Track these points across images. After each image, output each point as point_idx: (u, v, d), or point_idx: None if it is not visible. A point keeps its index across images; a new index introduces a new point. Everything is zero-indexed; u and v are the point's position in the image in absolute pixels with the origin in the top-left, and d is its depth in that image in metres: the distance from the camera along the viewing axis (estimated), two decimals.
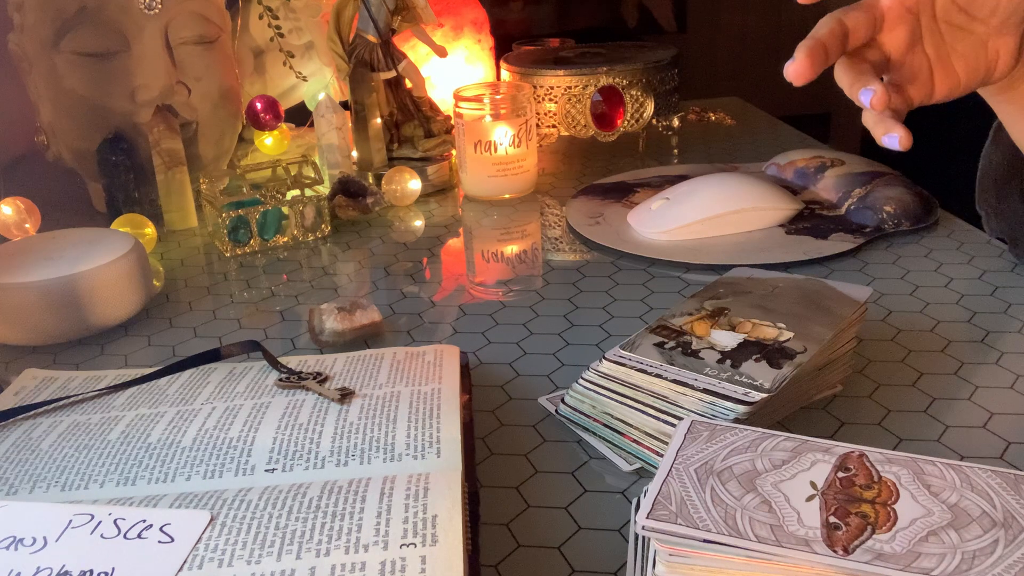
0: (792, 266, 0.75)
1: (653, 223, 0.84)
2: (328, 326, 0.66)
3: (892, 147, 0.48)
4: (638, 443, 0.51)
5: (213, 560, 0.40)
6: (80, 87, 0.91)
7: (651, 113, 1.08)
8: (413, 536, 0.41)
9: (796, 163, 0.95)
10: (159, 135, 0.90)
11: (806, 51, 0.47)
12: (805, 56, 0.47)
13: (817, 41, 0.47)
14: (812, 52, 0.47)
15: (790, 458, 0.41)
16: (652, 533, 0.37)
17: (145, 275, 0.74)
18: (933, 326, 0.66)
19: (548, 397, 0.58)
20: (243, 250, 0.87)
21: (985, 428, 0.53)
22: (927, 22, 0.49)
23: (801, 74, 0.47)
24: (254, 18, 1.09)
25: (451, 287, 0.79)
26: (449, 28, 1.15)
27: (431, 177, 1.01)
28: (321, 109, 0.99)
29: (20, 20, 0.92)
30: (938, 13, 0.49)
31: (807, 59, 0.46)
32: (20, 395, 0.60)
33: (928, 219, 0.84)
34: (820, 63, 0.47)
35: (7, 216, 0.88)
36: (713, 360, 0.52)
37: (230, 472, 0.48)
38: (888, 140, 0.48)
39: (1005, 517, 0.36)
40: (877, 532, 0.36)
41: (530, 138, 0.98)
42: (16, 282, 0.67)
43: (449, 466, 0.47)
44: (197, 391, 0.58)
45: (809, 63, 0.47)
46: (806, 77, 0.47)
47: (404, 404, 0.54)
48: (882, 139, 0.48)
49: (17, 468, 0.50)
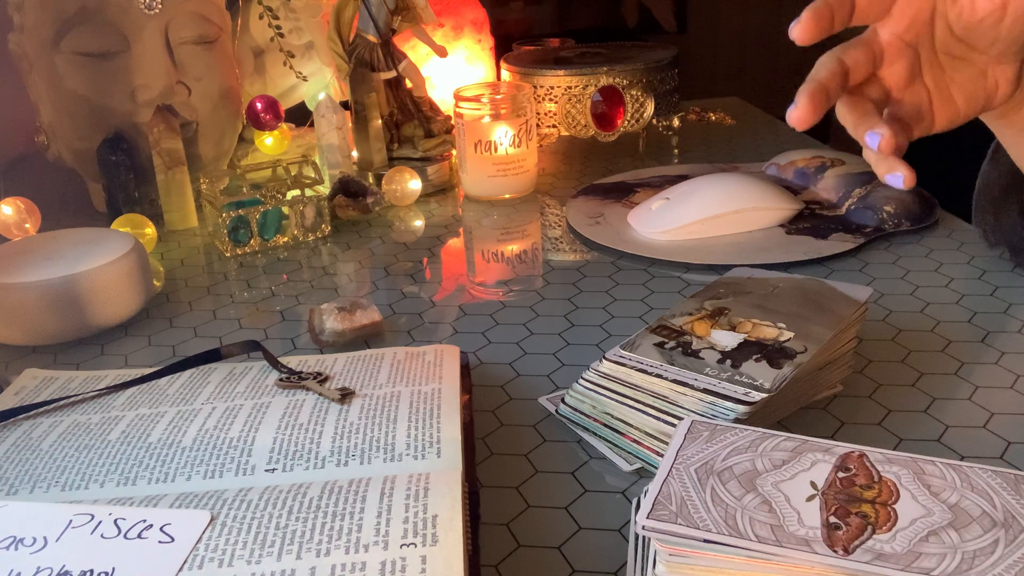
0: (792, 266, 0.75)
1: (653, 223, 0.84)
2: (328, 326, 0.66)
3: (896, 186, 0.47)
4: (638, 443, 0.51)
5: (213, 560, 0.40)
6: (80, 87, 0.91)
7: (651, 113, 1.08)
8: (413, 536, 0.41)
9: (796, 163, 0.95)
10: (159, 135, 0.90)
11: (807, 96, 0.46)
12: (807, 101, 0.46)
13: (819, 84, 0.46)
14: (814, 96, 0.46)
15: (790, 458, 0.41)
16: (652, 533, 0.37)
17: (145, 275, 0.74)
18: (933, 326, 0.66)
19: (548, 397, 0.58)
20: (243, 250, 0.87)
21: (985, 428, 0.53)
22: (926, 55, 0.49)
23: (803, 119, 0.46)
24: (254, 18, 1.09)
25: (451, 287, 0.79)
26: (449, 28, 1.15)
27: (431, 177, 1.01)
28: (321, 109, 0.99)
29: (20, 20, 0.92)
30: (937, 45, 0.49)
31: (809, 104, 0.46)
32: (20, 395, 0.60)
33: (928, 219, 0.84)
34: (822, 106, 0.46)
35: (7, 216, 0.88)
36: (713, 360, 0.52)
37: (230, 472, 0.48)
38: (892, 179, 0.47)
39: (1005, 517, 0.36)
40: (877, 532, 0.36)
41: (530, 138, 0.98)
42: (16, 282, 0.67)
43: (449, 466, 0.47)
44: (197, 391, 0.58)
45: (811, 108, 0.46)
46: (808, 123, 0.46)
47: (404, 404, 0.54)
48: (885, 178, 0.47)
49: (17, 468, 0.50)
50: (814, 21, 0.46)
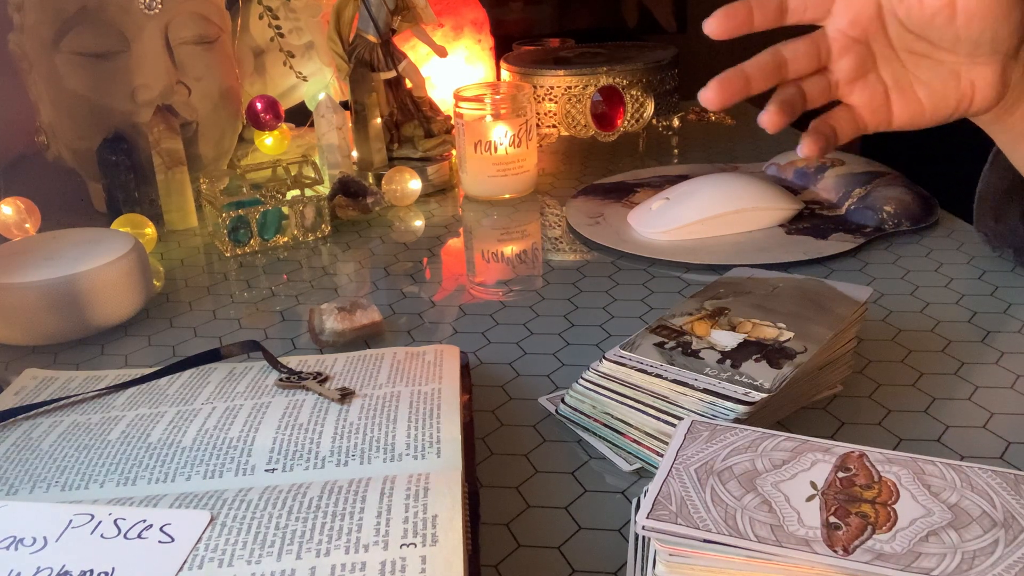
0: (792, 266, 0.75)
1: (653, 223, 0.84)
2: (328, 326, 0.66)
3: (798, 153, 0.51)
4: (638, 443, 0.51)
5: (213, 560, 0.40)
6: (80, 87, 0.91)
7: (651, 113, 1.08)
8: (413, 536, 0.40)
9: (796, 163, 0.95)
10: (159, 135, 0.90)
11: (719, 79, 0.49)
12: (717, 84, 0.49)
13: (738, 71, 0.49)
14: (725, 81, 0.49)
15: (790, 458, 0.41)
16: (652, 533, 0.37)
17: (145, 275, 0.74)
18: (933, 326, 0.66)
19: (548, 397, 0.58)
20: (243, 250, 0.87)
21: (985, 428, 0.53)
22: (881, 50, 0.50)
23: (711, 100, 0.49)
24: (254, 18, 1.09)
25: (451, 287, 0.79)
26: (449, 28, 1.15)
27: (431, 177, 1.01)
28: (321, 109, 0.99)
29: (20, 20, 0.92)
30: (894, 42, 0.50)
31: (718, 86, 0.49)
32: (20, 395, 0.60)
33: (928, 219, 0.84)
34: (735, 91, 0.49)
35: (7, 216, 0.88)
36: (713, 360, 0.52)
37: (230, 472, 0.48)
38: (798, 148, 0.51)
39: (1005, 517, 0.36)
40: (877, 532, 0.36)
41: (530, 138, 0.98)
42: (16, 282, 0.67)
43: (449, 466, 0.47)
44: (197, 391, 0.58)
45: (720, 90, 0.49)
46: (716, 104, 0.49)
47: (404, 404, 0.54)
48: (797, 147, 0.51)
49: (17, 468, 0.50)
50: (725, 18, 0.49)
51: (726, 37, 0.49)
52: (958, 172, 0.88)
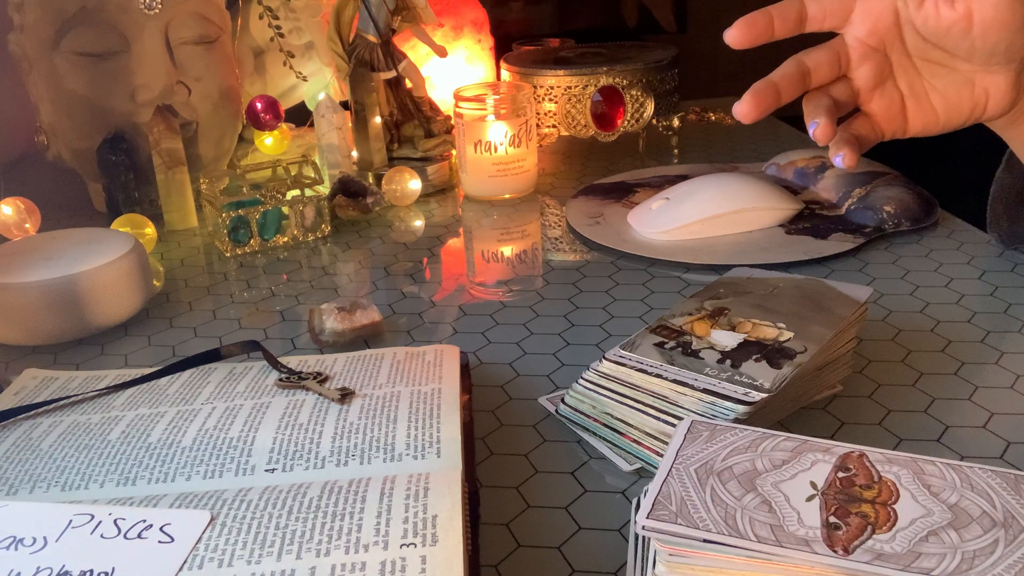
0: (792, 266, 0.75)
1: (653, 223, 0.84)
2: (328, 326, 0.66)
3: (838, 165, 0.50)
4: (638, 443, 0.51)
5: (213, 560, 0.40)
6: (80, 87, 0.91)
7: (651, 113, 1.08)
8: (413, 536, 0.41)
9: (796, 163, 0.95)
10: (159, 135, 0.90)
11: (753, 92, 0.49)
12: (752, 97, 0.49)
13: (768, 82, 0.50)
14: (759, 94, 0.49)
15: (790, 458, 0.41)
16: (652, 533, 0.37)
17: (145, 275, 0.74)
18: (933, 326, 0.66)
19: (548, 397, 0.58)
20: (243, 250, 0.87)
21: (985, 428, 0.53)
22: (898, 58, 0.51)
23: (747, 114, 0.49)
24: (254, 18, 1.09)
25: (451, 287, 0.79)
26: (449, 28, 1.15)
27: (431, 177, 1.01)
28: (321, 109, 0.99)
29: (20, 20, 0.92)
30: (911, 50, 0.50)
31: (753, 100, 0.49)
32: (20, 395, 0.60)
33: (928, 219, 0.84)
34: (769, 104, 0.49)
35: (7, 216, 0.88)
36: (713, 360, 0.52)
37: (230, 472, 0.48)
38: (836, 160, 0.50)
39: (1005, 517, 0.36)
40: (877, 532, 0.36)
41: (530, 138, 0.98)
42: (16, 282, 0.67)
43: (449, 466, 0.47)
44: (197, 391, 0.58)
45: (755, 104, 0.49)
46: (751, 117, 0.49)
47: (404, 404, 0.54)
48: (833, 159, 0.50)
49: (17, 468, 0.50)
50: (746, 27, 0.49)
51: (747, 46, 0.49)
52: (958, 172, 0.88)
